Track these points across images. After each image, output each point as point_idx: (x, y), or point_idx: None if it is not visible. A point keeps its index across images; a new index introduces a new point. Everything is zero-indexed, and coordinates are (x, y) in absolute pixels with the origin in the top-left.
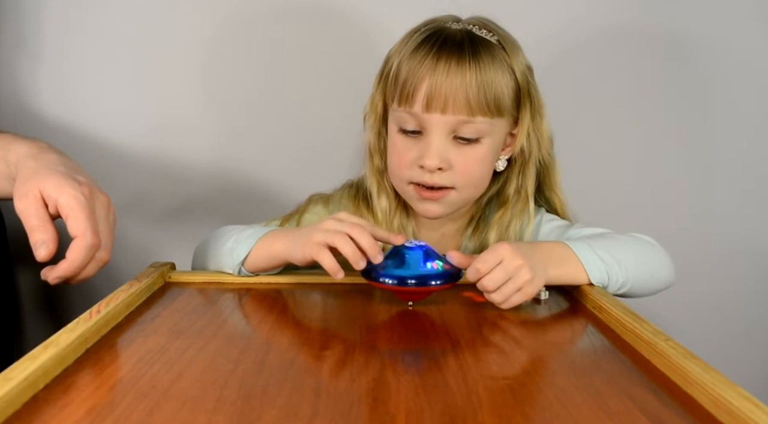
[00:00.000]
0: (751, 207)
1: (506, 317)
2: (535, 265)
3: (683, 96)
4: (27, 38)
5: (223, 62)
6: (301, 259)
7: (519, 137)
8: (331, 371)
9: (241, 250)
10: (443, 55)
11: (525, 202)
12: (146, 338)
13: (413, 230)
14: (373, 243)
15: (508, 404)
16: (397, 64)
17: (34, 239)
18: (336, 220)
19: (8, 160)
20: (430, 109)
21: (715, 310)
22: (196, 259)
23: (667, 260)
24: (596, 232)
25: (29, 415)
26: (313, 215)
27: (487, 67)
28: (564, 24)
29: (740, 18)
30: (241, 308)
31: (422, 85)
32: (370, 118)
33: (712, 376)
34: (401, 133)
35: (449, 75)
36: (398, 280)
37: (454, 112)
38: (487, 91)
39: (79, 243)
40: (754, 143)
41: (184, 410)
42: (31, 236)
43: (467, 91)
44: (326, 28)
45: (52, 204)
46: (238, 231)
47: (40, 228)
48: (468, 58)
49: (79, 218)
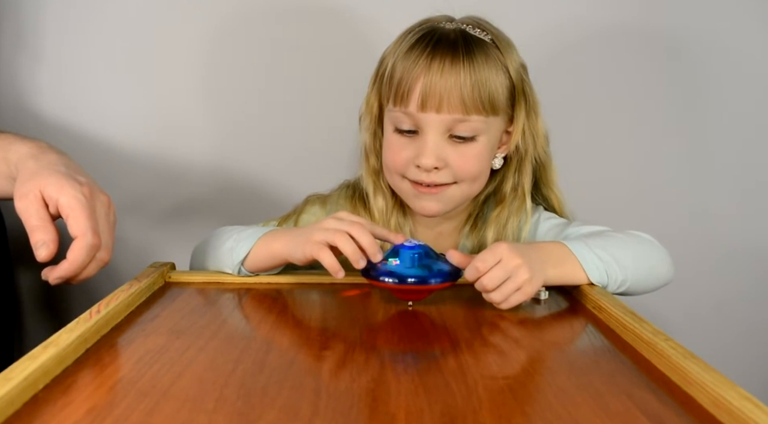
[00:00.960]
0: (752, 207)
1: (506, 317)
2: (533, 265)
3: (682, 95)
4: (26, 38)
5: (223, 62)
6: (301, 258)
7: (514, 135)
8: (331, 371)
9: (240, 249)
10: (437, 55)
11: (522, 200)
12: (146, 338)
13: (410, 229)
14: (373, 242)
15: (508, 404)
16: (392, 65)
17: (35, 239)
18: (336, 219)
19: (9, 160)
20: (425, 108)
21: (715, 310)
22: (195, 259)
23: (666, 256)
24: (594, 230)
25: (29, 415)
26: (310, 215)
27: (481, 65)
28: (561, 22)
29: (739, 17)
30: (241, 308)
31: (417, 85)
32: (366, 119)
33: (712, 376)
34: (397, 133)
35: (444, 74)
36: (398, 279)
37: (449, 111)
38: (481, 90)
39: (79, 243)
40: (754, 142)
41: (184, 410)
42: (32, 236)
43: (462, 89)
44: (326, 28)
45: (52, 204)
46: (237, 231)
47: (41, 228)
48: (462, 58)
49: (79, 218)
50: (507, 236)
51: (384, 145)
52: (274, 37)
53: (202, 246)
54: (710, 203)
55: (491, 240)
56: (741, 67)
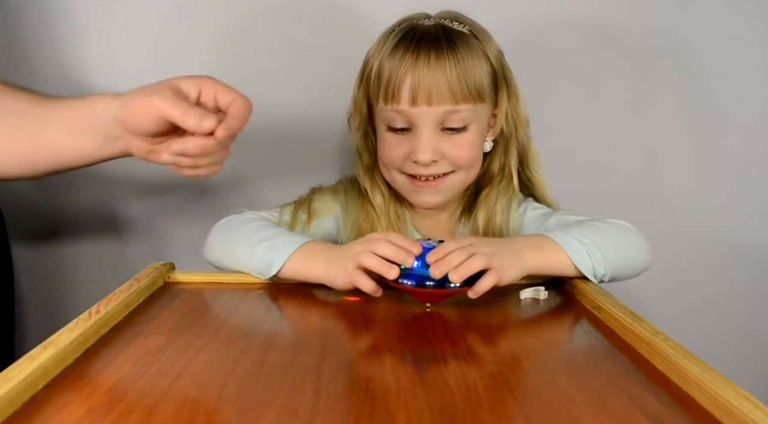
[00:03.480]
0: (752, 207)
1: (506, 317)
2: (506, 254)
3: (677, 87)
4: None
5: (222, 62)
6: (342, 287)
7: (499, 118)
8: (331, 371)
9: (276, 261)
10: (422, 51)
11: (509, 180)
12: (146, 338)
13: (409, 220)
14: (397, 250)
15: (507, 404)
16: (378, 65)
17: (194, 116)
18: (361, 241)
19: (97, 112)
20: (416, 103)
21: (715, 310)
22: (214, 248)
23: (644, 241)
24: (576, 219)
25: (29, 415)
26: (321, 203)
27: (464, 56)
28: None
29: (737, 18)
30: (241, 308)
31: (406, 82)
32: (355, 120)
33: (711, 376)
34: (390, 132)
35: (430, 68)
36: (416, 281)
37: (439, 102)
38: (467, 79)
39: (239, 102)
40: (755, 140)
41: (184, 410)
42: (188, 117)
43: (449, 81)
44: (326, 28)
45: (194, 93)
46: (268, 233)
47: (192, 108)
48: (446, 51)
49: (227, 89)
50: (496, 215)
51: (379, 144)
52: (275, 36)
53: (226, 239)
54: (711, 202)
55: (482, 221)
56: (734, 57)
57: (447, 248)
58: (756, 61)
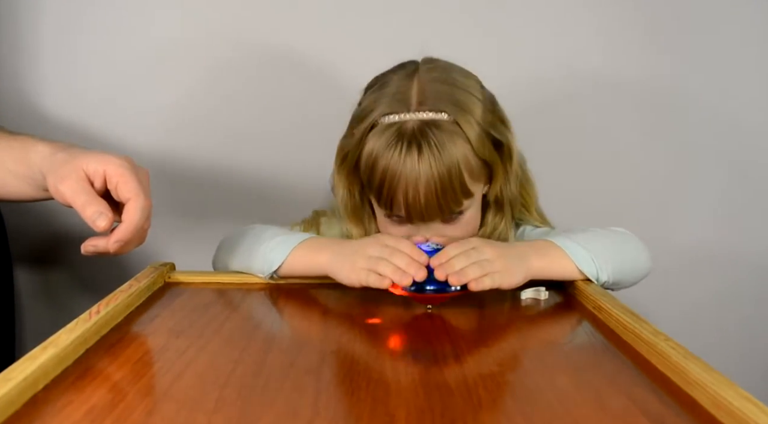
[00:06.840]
0: (752, 207)
1: (506, 317)
2: (512, 258)
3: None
4: (25, 38)
5: (222, 62)
6: (346, 282)
7: (493, 188)
8: (331, 371)
9: (281, 253)
10: (408, 170)
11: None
12: (146, 338)
13: None
14: (410, 261)
15: (508, 404)
16: (367, 163)
17: (89, 212)
18: (375, 244)
19: (30, 161)
20: (412, 220)
21: (715, 310)
22: (221, 252)
23: (644, 247)
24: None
25: (29, 415)
26: (327, 227)
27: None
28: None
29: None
30: (241, 308)
31: (399, 199)
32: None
33: (712, 376)
34: (388, 217)
35: (420, 192)
36: (416, 287)
37: (436, 217)
38: (461, 185)
39: (134, 204)
40: (753, 141)
41: (184, 410)
42: (85, 211)
43: (440, 202)
44: (326, 29)
45: (99, 178)
46: (276, 232)
47: (91, 202)
48: (433, 169)
49: (129, 182)
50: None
51: (377, 218)
52: (276, 38)
53: (233, 242)
54: (711, 203)
55: None
56: (723, 66)
57: (450, 253)
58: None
